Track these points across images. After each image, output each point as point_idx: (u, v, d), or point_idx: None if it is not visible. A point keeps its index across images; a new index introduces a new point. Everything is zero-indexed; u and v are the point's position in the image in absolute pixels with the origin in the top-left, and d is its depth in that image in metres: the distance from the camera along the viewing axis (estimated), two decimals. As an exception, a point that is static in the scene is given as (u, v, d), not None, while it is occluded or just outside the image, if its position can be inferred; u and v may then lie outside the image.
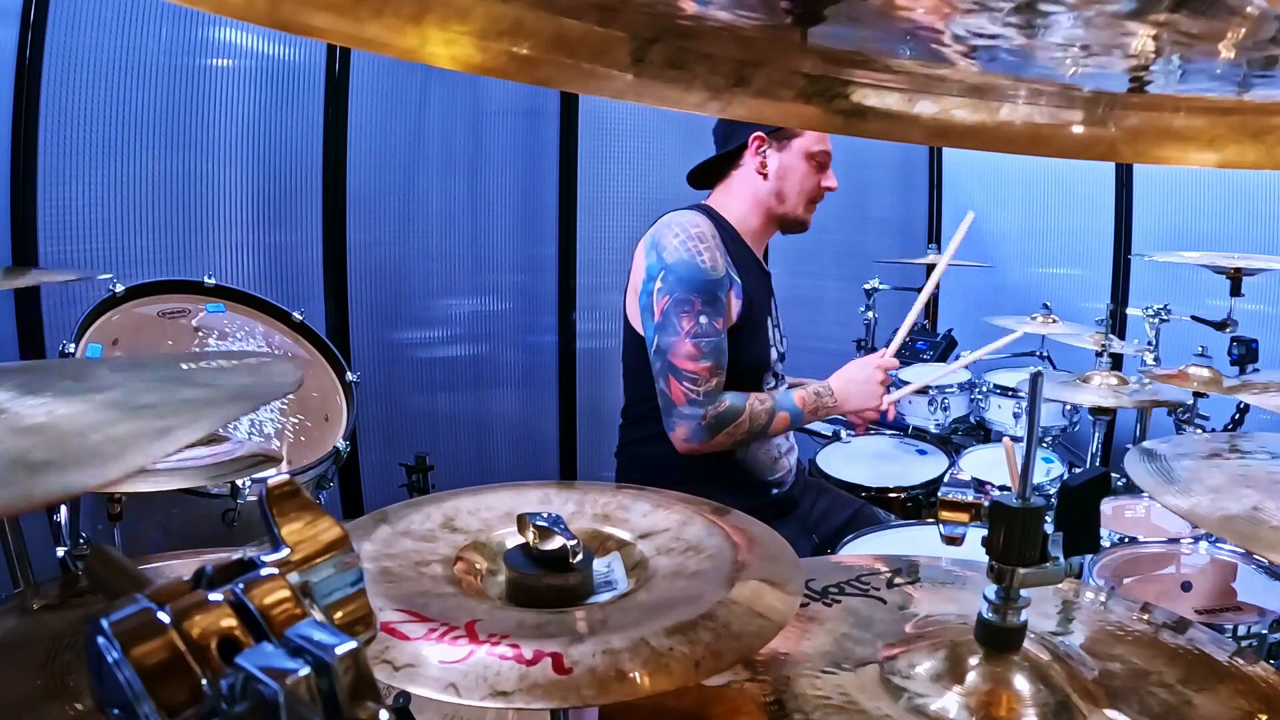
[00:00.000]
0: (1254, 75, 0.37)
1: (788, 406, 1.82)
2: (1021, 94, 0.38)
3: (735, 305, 1.79)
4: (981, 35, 0.34)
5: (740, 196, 1.89)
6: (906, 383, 2.80)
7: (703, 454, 1.77)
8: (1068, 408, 2.75)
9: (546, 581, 0.80)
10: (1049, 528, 0.77)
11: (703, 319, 1.72)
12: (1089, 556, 1.27)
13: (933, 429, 2.81)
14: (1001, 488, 1.78)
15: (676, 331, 1.72)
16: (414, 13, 0.29)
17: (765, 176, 1.86)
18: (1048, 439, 2.80)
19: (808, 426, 2.91)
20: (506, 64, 0.32)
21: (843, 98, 0.36)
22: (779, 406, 1.81)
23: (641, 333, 1.84)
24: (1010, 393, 2.79)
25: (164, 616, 0.34)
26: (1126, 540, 1.74)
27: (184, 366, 0.81)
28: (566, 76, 0.34)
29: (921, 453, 2.65)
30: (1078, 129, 0.38)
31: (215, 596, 0.36)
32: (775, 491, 1.93)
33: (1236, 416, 2.25)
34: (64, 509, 1.61)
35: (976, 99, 0.37)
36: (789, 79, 0.35)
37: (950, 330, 3.34)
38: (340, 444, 1.99)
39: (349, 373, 2.16)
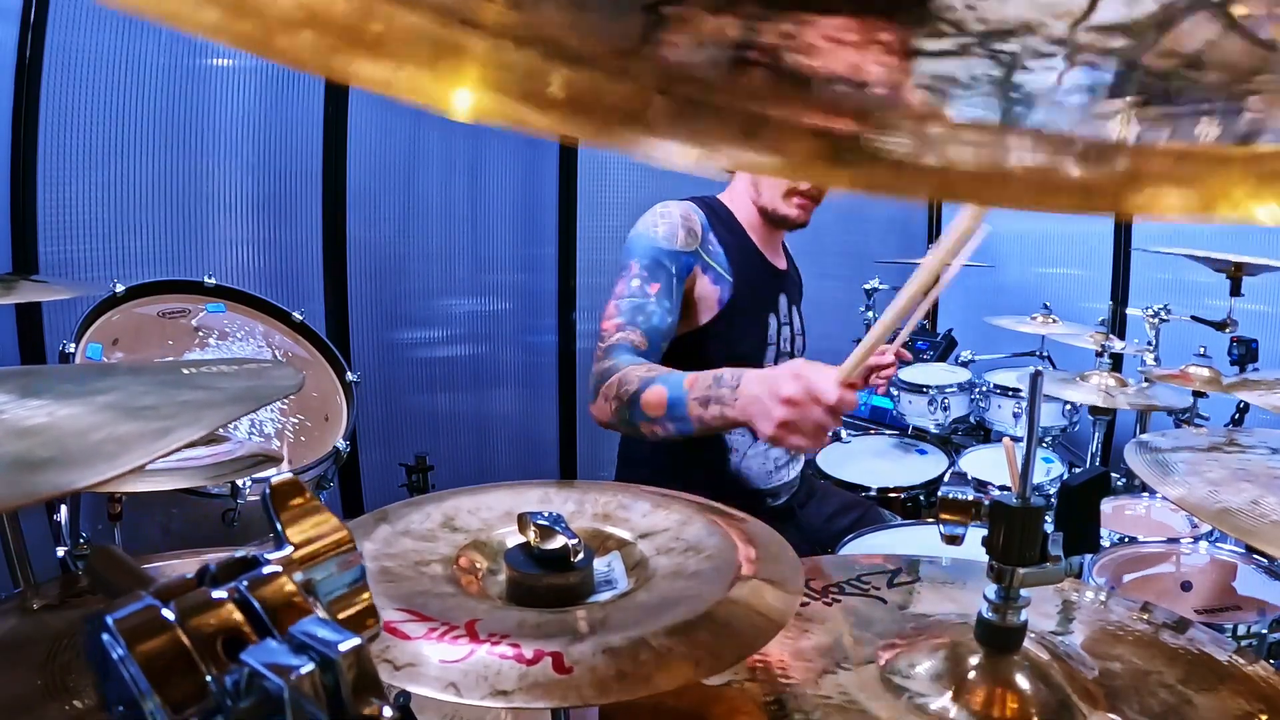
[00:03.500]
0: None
1: (668, 384, 1.41)
2: (1028, 145, 0.38)
3: (712, 292, 1.74)
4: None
5: (736, 188, 1.90)
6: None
7: (602, 423, 1.52)
8: (1067, 408, 2.75)
9: (547, 581, 0.80)
10: (1049, 528, 0.77)
11: (634, 282, 1.65)
12: (1089, 556, 1.27)
13: (933, 429, 2.81)
14: (1001, 488, 1.78)
15: (611, 295, 1.68)
16: (429, 58, 0.29)
17: None
18: (1048, 439, 2.80)
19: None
20: (518, 115, 0.32)
21: (849, 151, 0.36)
22: (656, 380, 1.42)
23: None
24: (1010, 393, 2.80)
25: (168, 613, 0.34)
26: (1126, 540, 1.74)
27: (185, 372, 0.81)
28: (578, 130, 0.34)
29: (921, 453, 2.65)
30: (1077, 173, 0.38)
31: (219, 594, 0.36)
32: (770, 502, 1.91)
33: (1236, 416, 2.25)
34: (64, 509, 1.62)
35: (985, 150, 0.37)
36: (796, 134, 0.35)
37: (950, 330, 3.34)
38: (340, 444, 1.99)
39: (349, 373, 2.16)
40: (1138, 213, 0.37)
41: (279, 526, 0.39)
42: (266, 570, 0.37)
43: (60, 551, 1.60)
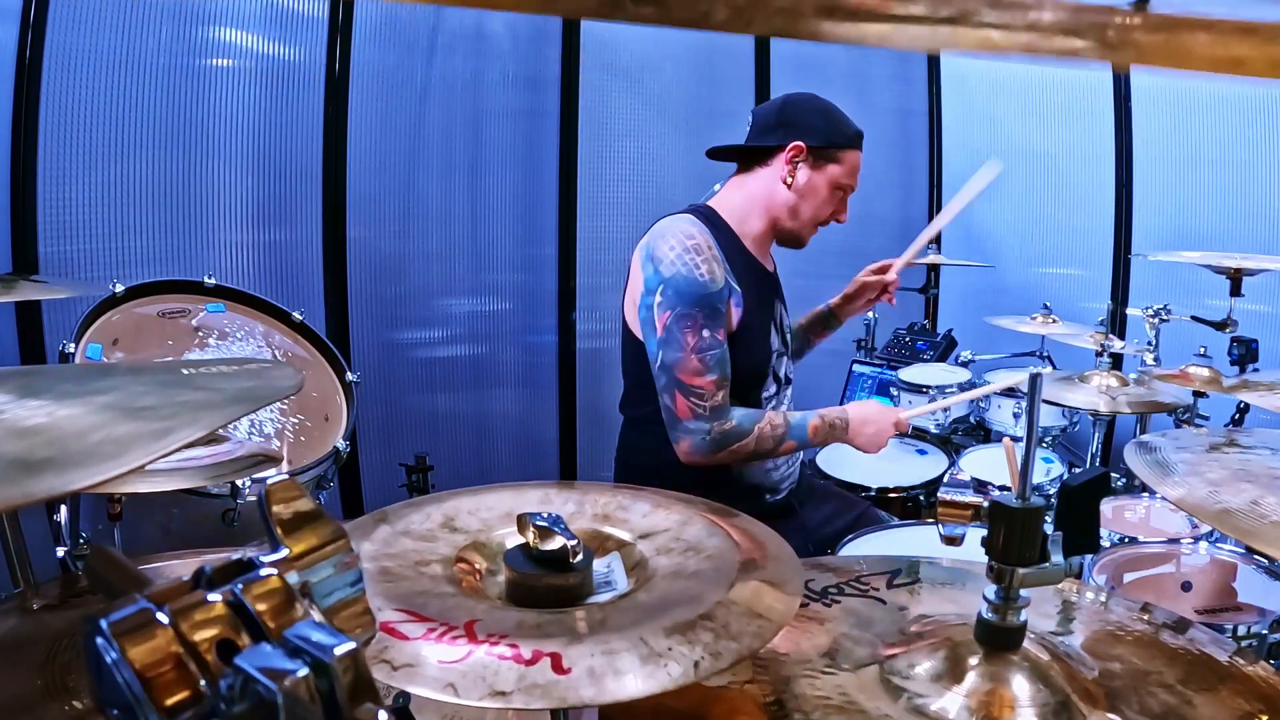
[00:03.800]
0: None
1: (799, 436, 1.81)
2: (1046, 9, 0.38)
3: (735, 314, 1.76)
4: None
5: (752, 196, 1.86)
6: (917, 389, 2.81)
7: (705, 467, 1.76)
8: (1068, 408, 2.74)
9: (546, 581, 0.80)
10: (1049, 528, 0.77)
11: (705, 332, 1.70)
12: (1089, 556, 1.27)
13: (933, 429, 2.81)
14: (1001, 488, 1.78)
15: (681, 347, 1.69)
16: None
17: (789, 187, 1.82)
18: (1048, 439, 2.80)
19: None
20: None
21: (864, 14, 0.36)
22: (790, 435, 1.79)
23: (641, 340, 1.83)
24: (1010, 393, 2.79)
25: (163, 617, 0.34)
26: (1126, 540, 1.74)
27: (184, 372, 0.81)
28: (591, 6, 0.34)
29: (921, 453, 2.64)
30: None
31: (214, 597, 0.36)
32: (770, 498, 1.92)
33: (1236, 416, 2.25)
34: (64, 509, 1.62)
35: (1000, 10, 0.37)
36: None
37: (950, 330, 3.33)
38: (340, 444, 1.99)
39: (349, 373, 2.16)
40: (1160, 65, 0.37)
41: (274, 529, 0.39)
42: (262, 573, 0.37)
43: (60, 551, 1.60)
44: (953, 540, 0.86)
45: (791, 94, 1.91)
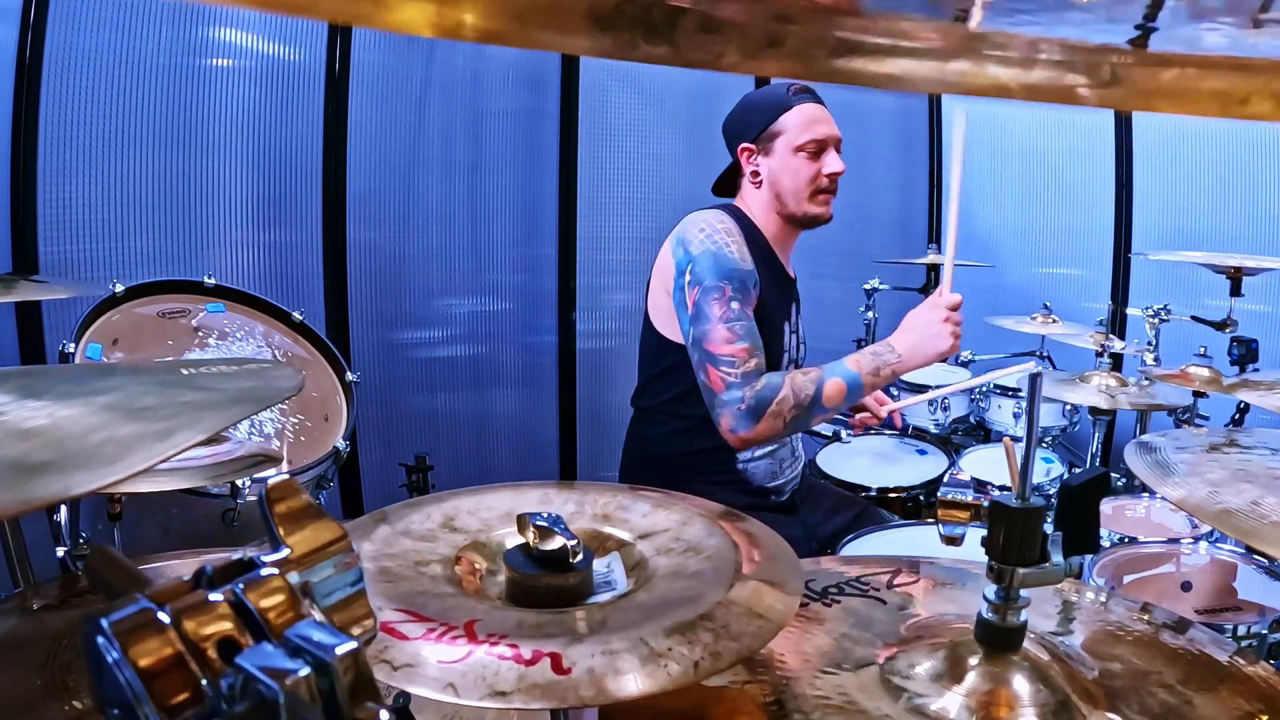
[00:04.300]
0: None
1: (840, 373, 1.70)
2: (1056, 54, 0.38)
3: (754, 298, 1.78)
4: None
5: (752, 202, 1.91)
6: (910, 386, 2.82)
7: (757, 443, 1.72)
8: (1068, 408, 2.74)
9: (546, 581, 0.80)
10: (1049, 528, 0.77)
11: (734, 305, 1.69)
12: (1089, 556, 1.27)
13: (933, 429, 2.81)
14: (1001, 488, 1.78)
15: (710, 319, 1.69)
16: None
17: (759, 185, 1.86)
18: (1048, 439, 2.80)
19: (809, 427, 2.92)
20: (539, 34, 0.32)
21: (875, 55, 0.36)
22: (829, 374, 1.69)
23: (660, 330, 1.86)
24: (1010, 393, 2.79)
25: (164, 616, 0.34)
26: (1126, 540, 1.74)
27: (185, 372, 0.81)
28: (604, 45, 0.34)
29: (921, 453, 2.65)
30: (1085, 91, 0.38)
31: (215, 596, 0.36)
32: (774, 499, 1.93)
33: (1236, 416, 2.25)
34: (64, 509, 1.62)
35: (1006, 53, 0.37)
36: (823, 38, 0.36)
37: (950, 330, 3.33)
38: (340, 444, 1.99)
39: (349, 373, 2.16)
40: (1157, 110, 0.38)
41: (274, 529, 0.39)
42: (263, 573, 0.37)
43: (60, 551, 1.60)
44: (953, 540, 0.86)
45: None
